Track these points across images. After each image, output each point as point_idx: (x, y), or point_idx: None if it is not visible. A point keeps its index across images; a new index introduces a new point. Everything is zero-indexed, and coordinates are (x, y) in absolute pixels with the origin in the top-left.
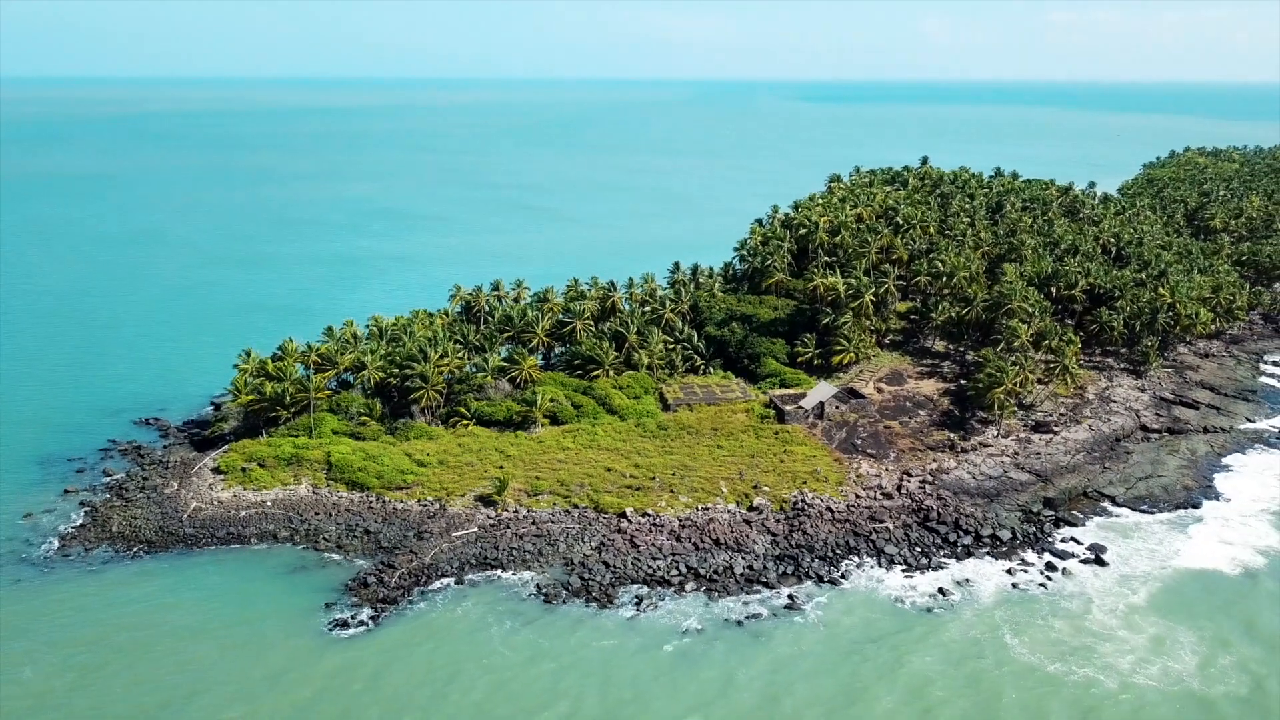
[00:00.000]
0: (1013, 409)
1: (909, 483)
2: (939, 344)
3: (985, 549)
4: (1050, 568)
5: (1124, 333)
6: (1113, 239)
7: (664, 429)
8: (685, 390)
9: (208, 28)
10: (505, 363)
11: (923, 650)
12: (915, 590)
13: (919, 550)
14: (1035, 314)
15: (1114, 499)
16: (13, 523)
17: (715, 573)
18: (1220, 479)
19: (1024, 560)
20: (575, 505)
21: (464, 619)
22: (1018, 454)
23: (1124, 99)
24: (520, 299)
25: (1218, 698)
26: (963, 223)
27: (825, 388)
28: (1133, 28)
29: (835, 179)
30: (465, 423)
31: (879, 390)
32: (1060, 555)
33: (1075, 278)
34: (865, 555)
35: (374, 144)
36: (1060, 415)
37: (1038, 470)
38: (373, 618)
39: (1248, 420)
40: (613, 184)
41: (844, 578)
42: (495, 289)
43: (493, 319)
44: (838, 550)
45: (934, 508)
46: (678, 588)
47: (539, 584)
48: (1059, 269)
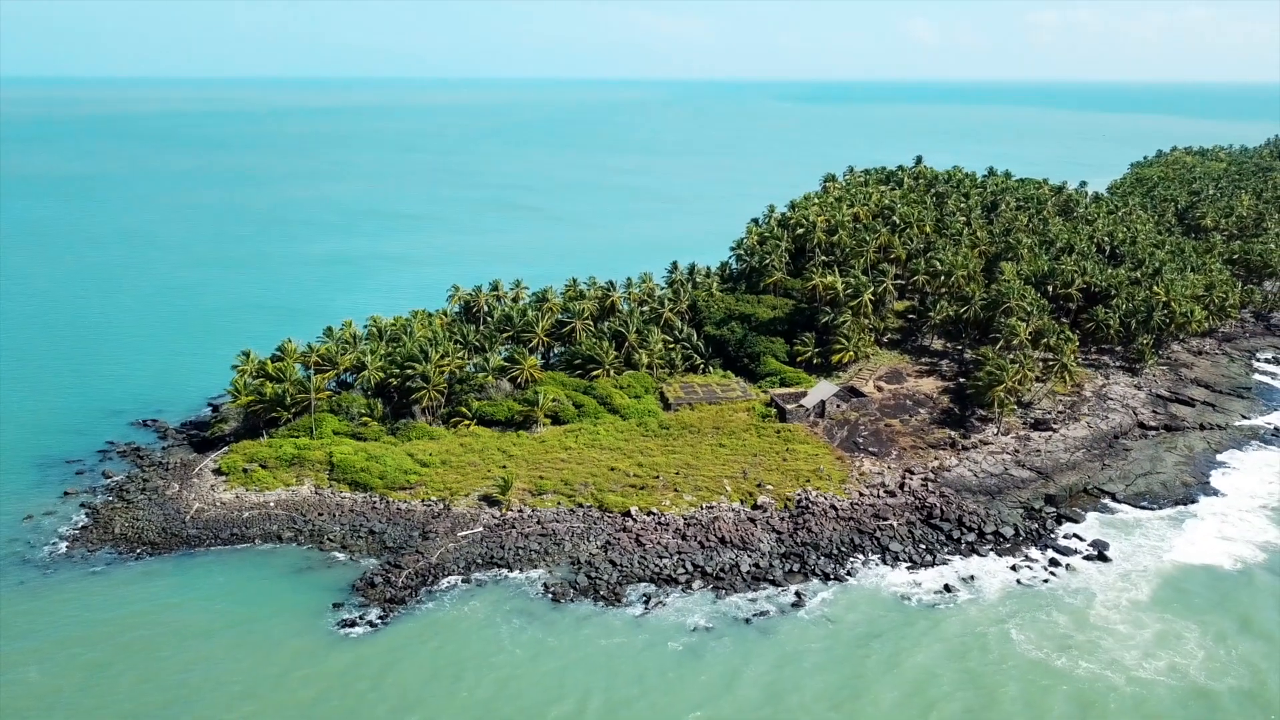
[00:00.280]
0: (1012, 407)
1: (911, 480)
2: (937, 342)
3: (989, 546)
4: (1054, 564)
5: (1120, 331)
6: (1107, 238)
7: (666, 428)
8: (686, 389)
9: (190, 28)
10: (506, 362)
11: (930, 646)
12: (921, 587)
13: (923, 547)
14: (1033, 312)
15: (1114, 495)
16: (13, 524)
17: (722, 571)
18: (1218, 475)
19: (1028, 557)
20: (580, 504)
21: (472, 618)
22: (1018, 451)
23: (1107, 99)
24: (519, 299)
25: (1223, 692)
26: (959, 222)
27: (826, 386)
28: (1115, 28)
29: (830, 178)
30: (467, 423)
31: (879, 389)
32: (1063, 552)
33: (1072, 276)
34: (870, 553)
35: (359, 144)
36: (1059, 413)
37: (1038, 467)
38: (381, 617)
39: (1243, 417)
40: (602, 184)
41: (850, 575)
42: (494, 289)
43: (492, 319)
44: (843, 548)
45: (937, 505)
46: (685, 586)
47: (546, 583)
48: (1055, 268)
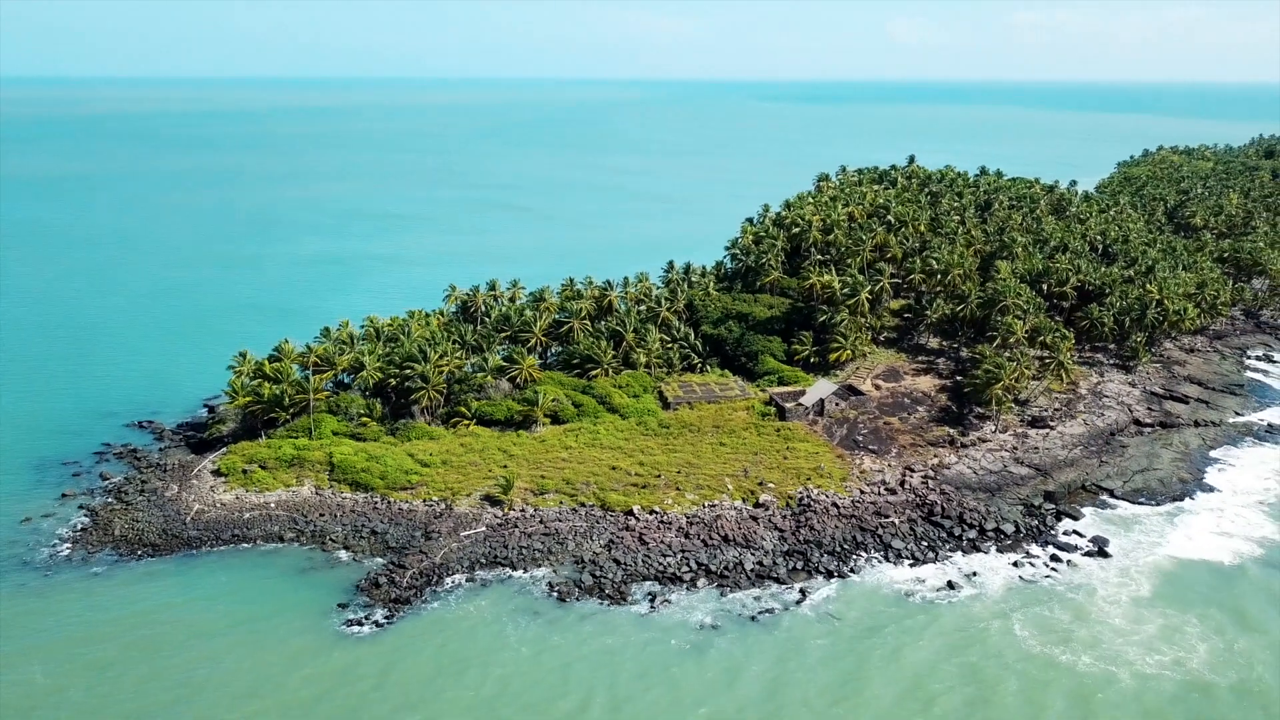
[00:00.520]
0: (1010, 404)
1: (911, 478)
2: (933, 341)
3: (990, 542)
4: (1055, 560)
5: (1114, 329)
6: (1099, 236)
7: (666, 427)
8: (684, 388)
9: (189, 28)
10: (505, 362)
11: (936, 641)
12: (924, 584)
13: (925, 544)
14: (1029, 310)
15: (1112, 492)
16: (11, 527)
17: (726, 569)
18: (1214, 471)
19: (1029, 553)
20: (582, 504)
21: (478, 617)
22: (1016, 449)
23: (1089, 98)
24: (516, 299)
25: (1226, 686)
26: (953, 221)
27: (825, 385)
28: (1097, 29)
29: (823, 178)
30: (466, 423)
31: (876, 387)
32: (1064, 548)
33: (1066, 275)
34: (873, 550)
35: (349, 145)
36: (1055, 410)
37: (1036, 464)
38: (387, 617)
39: (1236, 414)
40: (593, 184)
41: (853, 572)
42: (491, 289)
43: (489, 319)
44: (845, 545)
45: (938, 502)
46: (690, 584)
47: (551, 582)
48: (1050, 266)
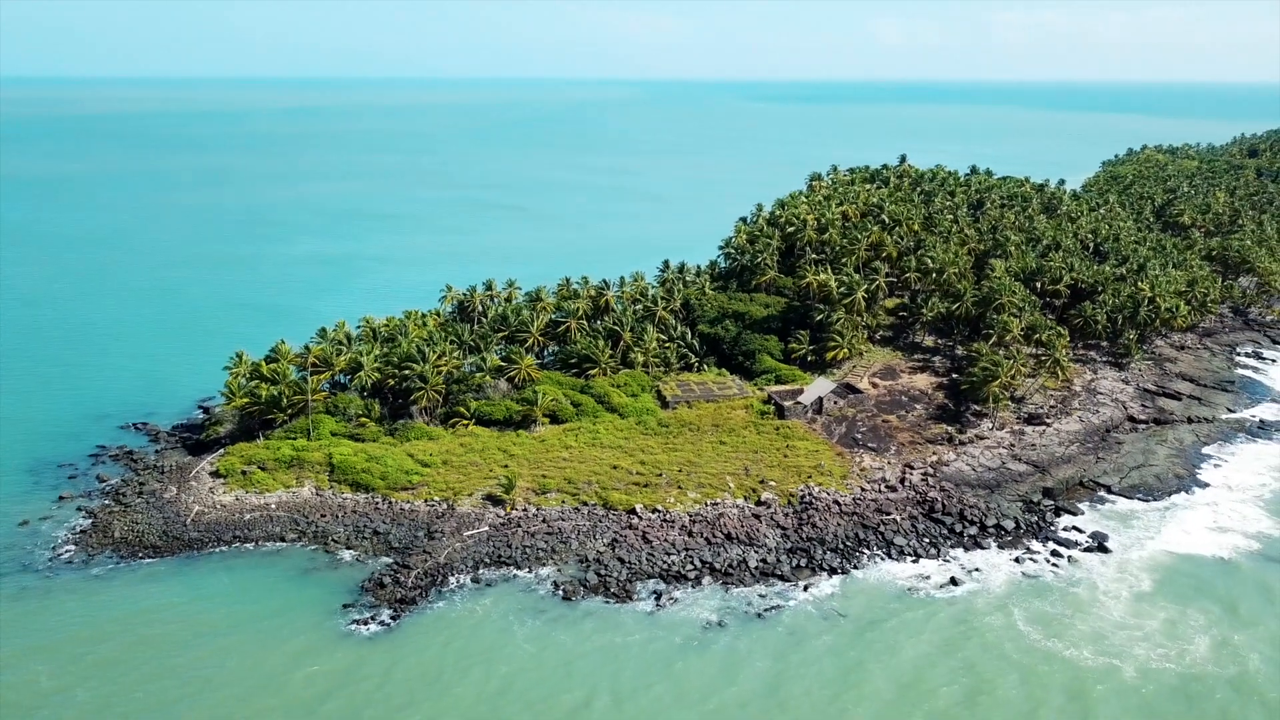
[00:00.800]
0: (1006, 402)
1: (912, 475)
2: (928, 339)
3: (991, 538)
4: (1055, 555)
5: (1107, 326)
6: (1091, 235)
7: (665, 426)
8: (682, 388)
9: (187, 28)
10: (503, 362)
11: (942, 637)
12: (928, 580)
13: (927, 541)
14: (1025, 308)
15: (1109, 488)
16: (9, 530)
17: (730, 567)
18: (1209, 467)
19: (1029, 549)
20: (584, 503)
21: (485, 617)
22: (1013, 446)
23: (1070, 98)
24: (512, 298)
25: (1231, 679)
26: (946, 219)
27: (823, 383)
28: (1077, 29)
29: (816, 177)
30: (465, 423)
31: (874, 385)
32: (1064, 544)
33: (1060, 273)
34: (875, 547)
35: (330, 145)
36: (1051, 407)
37: (1034, 461)
38: (393, 617)
39: (1229, 410)
40: (580, 184)
41: (857, 569)
42: (488, 289)
43: (486, 319)
44: (848, 542)
45: (938, 499)
46: (694, 582)
47: (556, 581)
48: (1043, 265)
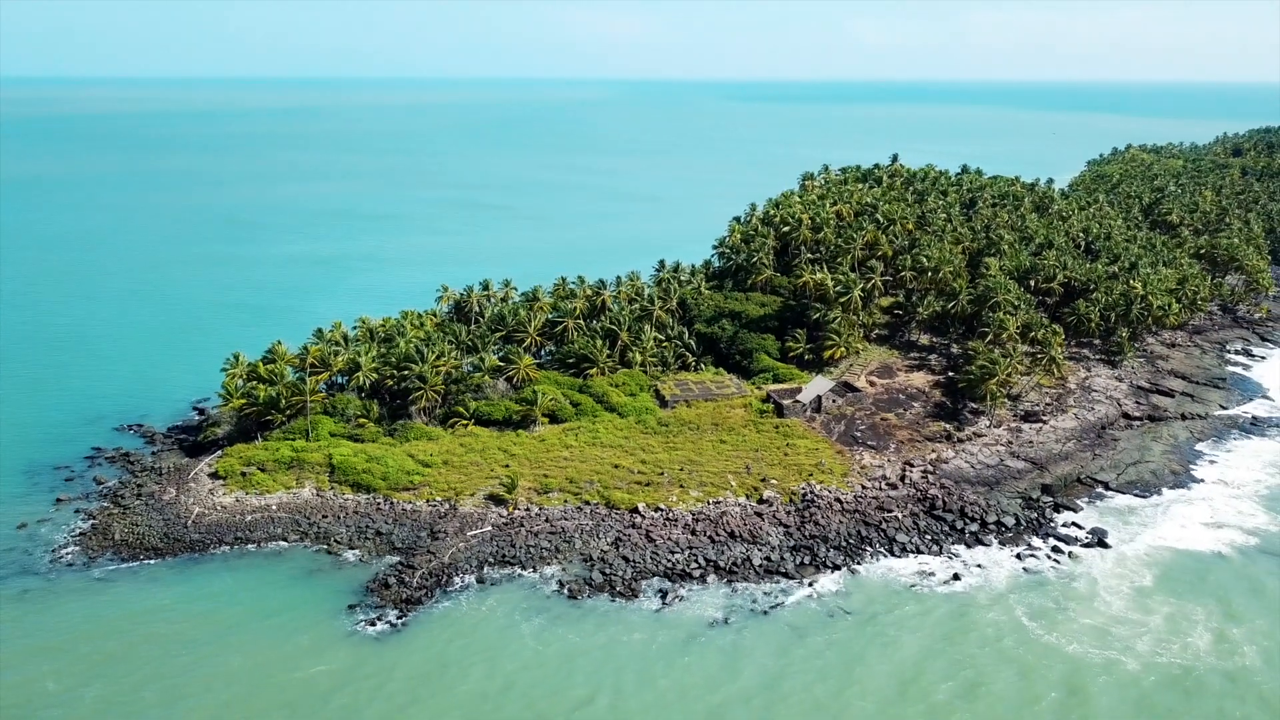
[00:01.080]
0: (1003, 399)
1: (912, 473)
2: (924, 337)
3: (992, 535)
4: (1056, 551)
5: (1100, 324)
6: (1082, 233)
7: (665, 425)
8: (681, 387)
9: (183, 28)
10: (501, 362)
11: (947, 633)
12: (931, 577)
13: (929, 538)
14: (1020, 307)
15: (1106, 484)
16: (8, 533)
17: (734, 564)
18: (1204, 463)
19: (1030, 545)
20: (586, 502)
21: (491, 616)
22: (1011, 443)
23: (1049, 98)
24: (508, 298)
25: (1236, 672)
26: (940, 218)
27: (821, 382)
28: (1053, 28)
29: (809, 176)
30: (465, 423)
31: (871, 383)
32: (1065, 540)
33: (1053, 271)
34: (878, 544)
35: (310, 145)
36: (1047, 405)
37: (1032, 458)
38: (399, 618)
39: (1221, 407)
40: (565, 184)
41: (860, 566)
42: (485, 289)
43: (483, 319)
44: (850, 540)
45: (939, 496)
46: (699, 580)
47: (561, 580)
48: (1037, 263)
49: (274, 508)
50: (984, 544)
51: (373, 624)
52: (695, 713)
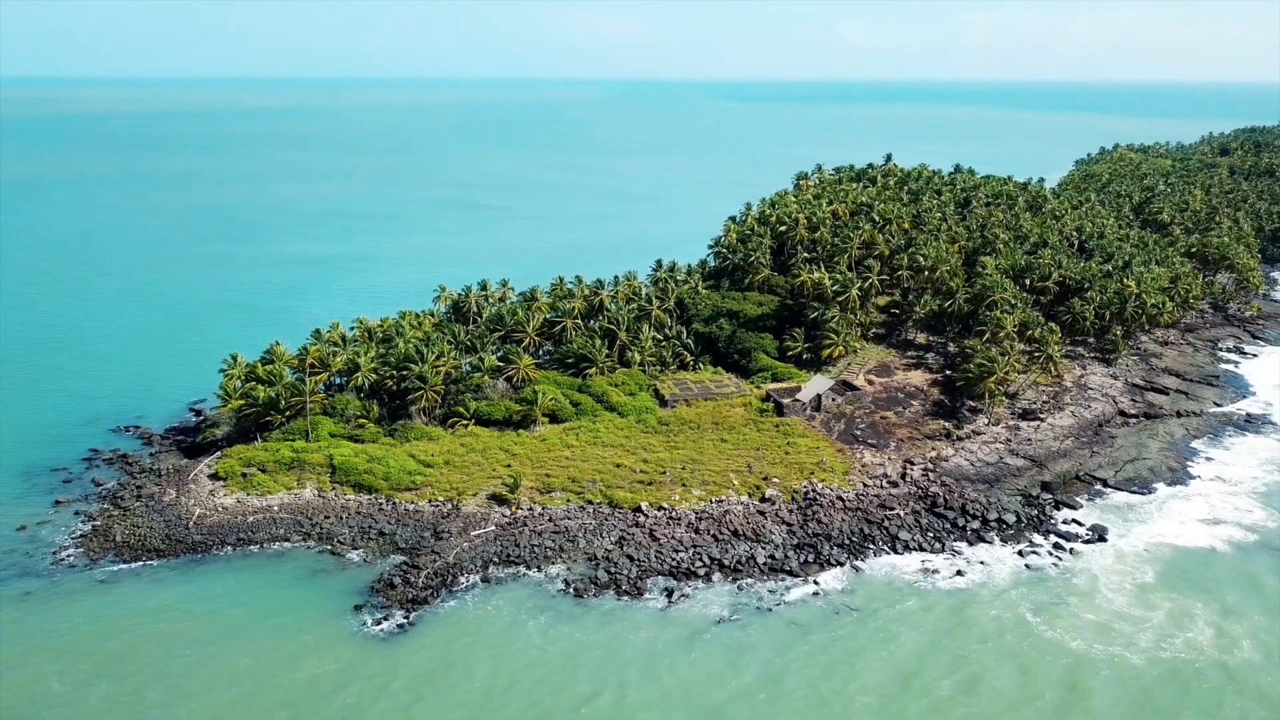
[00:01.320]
0: (1001, 397)
1: (912, 471)
2: (920, 336)
3: (993, 532)
4: (1058, 548)
5: (1095, 323)
6: (1075, 232)
7: (665, 424)
8: (680, 386)
9: (181, 28)
10: (500, 362)
11: (951, 630)
12: (935, 574)
13: (931, 535)
14: (1017, 305)
15: (1105, 482)
16: (8, 535)
17: (739, 563)
18: (1201, 460)
19: (1032, 542)
20: (589, 501)
21: (498, 616)
22: (1010, 441)
23: (1039, 98)
24: (506, 298)
25: (1239, 665)
26: (935, 218)
27: (821, 380)
28: (1044, 28)
29: (803, 176)
30: (465, 423)
31: (869, 382)
32: (1065, 537)
33: (1049, 270)
34: (880, 542)
35: (307, 145)
36: (1044, 403)
37: (1031, 456)
38: (406, 618)
39: (1215, 404)
40: (559, 184)
41: (864, 564)
42: (483, 288)
43: (481, 319)
44: (853, 538)
45: (939, 494)
46: (704, 578)
47: (566, 579)
48: (1032, 262)
49: (276, 508)
50: (986, 541)
51: (380, 624)
52: (703, 709)
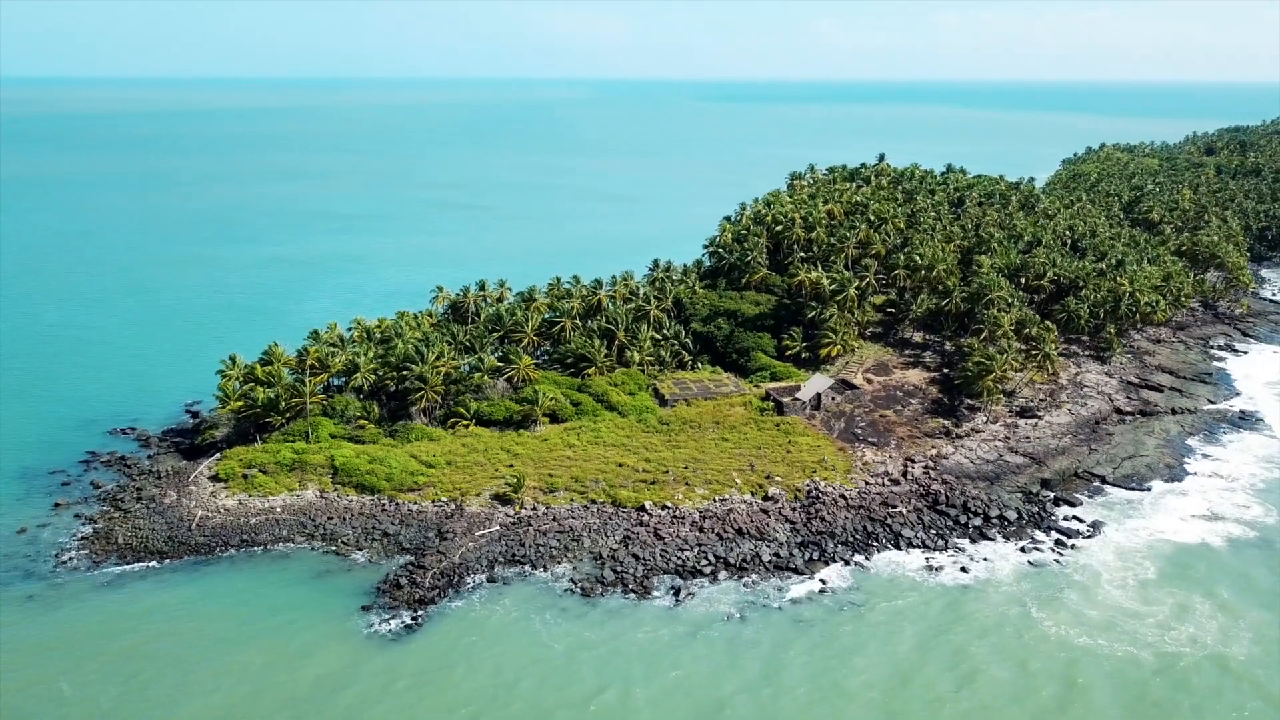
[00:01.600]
0: (999, 395)
1: (913, 469)
2: (917, 335)
3: (995, 529)
4: (1059, 545)
5: (1090, 321)
6: (1068, 231)
7: (666, 424)
8: (680, 385)
9: (178, 28)
10: (500, 362)
11: (956, 627)
12: (939, 570)
13: (934, 532)
14: (1014, 304)
15: (1104, 478)
16: (8, 538)
17: (744, 561)
18: (1197, 456)
19: (1033, 539)
20: (593, 501)
21: (505, 615)
22: (1009, 438)
23: (1016, 98)
24: (503, 299)
25: (1243, 659)
26: (930, 217)
27: (820, 379)
28: (1017, 28)
29: (797, 176)
30: (465, 423)
31: (868, 381)
32: (1067, 533)
33: (1044, 269)
34: (884, 539)
35: (287, 146)
36: (1040, 401)
37: (1030, 453)
38: (414, 619)
39: (1209, 402)
40: (546, 184)
41: (868, 561)
42: (481, 289)
43: (479, 319)
44: (857, 535)
45: (941, 492)
46: (711, 577)
47: (573, 578)
48: (1027, 261)
49: (278, 510)
50: (988, 538)
51: (388, 624)
52: (712, 703)
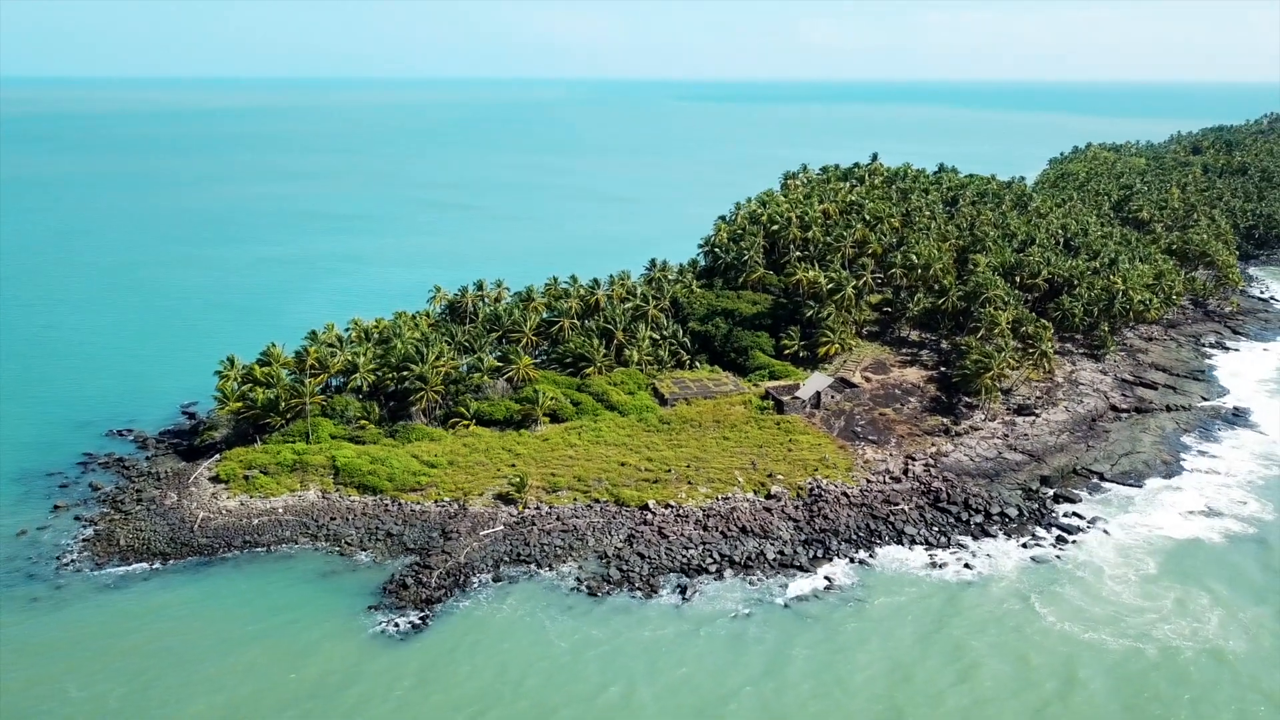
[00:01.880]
0: (997, 393)
1: (914, 466)
2: (913, 334)
3: (996, 526)
4: (1060, 541)
5: (1084, 319)
6: (1061, 230)
7: (667, 423)
8: (679, 385)
9: (178, 28)
10: (500, 362)
11: (961, 623)
12: (942, 567)
13: (936, 529)
14: (1010, 302)
15: (1102, 475)
16: (8, 540)
17: (749, 559)
18: (1193, 453)
19: (1035, 535)
20: (596, 500)
21: (513, 615)
22: (1007, 436)
23: (1000, 97)
24: (501, 298)
25: (1244, 654)
26: (924, 216)
27: (820, 378)
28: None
29: (790, 175)
30: (466, 423)
31: (866, 379)
32: (1067, 530)
33: (1038, 267)
34: (887, 537)
35: (285, 147)
36: (1037, 398)
37: (1029, 450)
38: (421, 618)
39: (1203, 399)
40: (538, 184)
41: (872, 558)
42: (479, 289)
43: (477, 319)
44: (860, 533)
45: (942, 489)
46: (716, 574)
47: (579, 578)
48: (1021, 259)
49: (280, 510)
50: (989, 535)
51: (395, 625)
52: (716, 699)
